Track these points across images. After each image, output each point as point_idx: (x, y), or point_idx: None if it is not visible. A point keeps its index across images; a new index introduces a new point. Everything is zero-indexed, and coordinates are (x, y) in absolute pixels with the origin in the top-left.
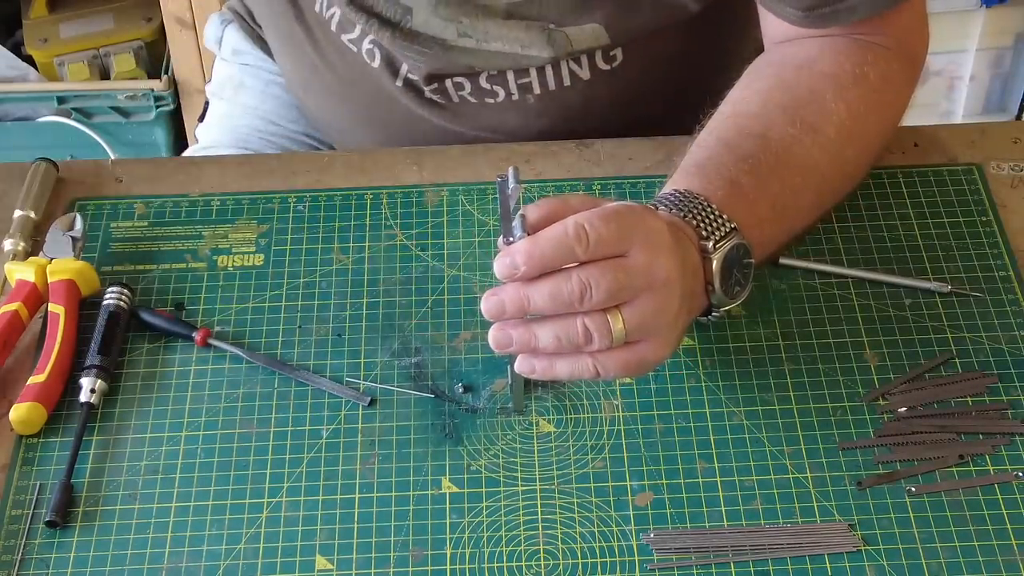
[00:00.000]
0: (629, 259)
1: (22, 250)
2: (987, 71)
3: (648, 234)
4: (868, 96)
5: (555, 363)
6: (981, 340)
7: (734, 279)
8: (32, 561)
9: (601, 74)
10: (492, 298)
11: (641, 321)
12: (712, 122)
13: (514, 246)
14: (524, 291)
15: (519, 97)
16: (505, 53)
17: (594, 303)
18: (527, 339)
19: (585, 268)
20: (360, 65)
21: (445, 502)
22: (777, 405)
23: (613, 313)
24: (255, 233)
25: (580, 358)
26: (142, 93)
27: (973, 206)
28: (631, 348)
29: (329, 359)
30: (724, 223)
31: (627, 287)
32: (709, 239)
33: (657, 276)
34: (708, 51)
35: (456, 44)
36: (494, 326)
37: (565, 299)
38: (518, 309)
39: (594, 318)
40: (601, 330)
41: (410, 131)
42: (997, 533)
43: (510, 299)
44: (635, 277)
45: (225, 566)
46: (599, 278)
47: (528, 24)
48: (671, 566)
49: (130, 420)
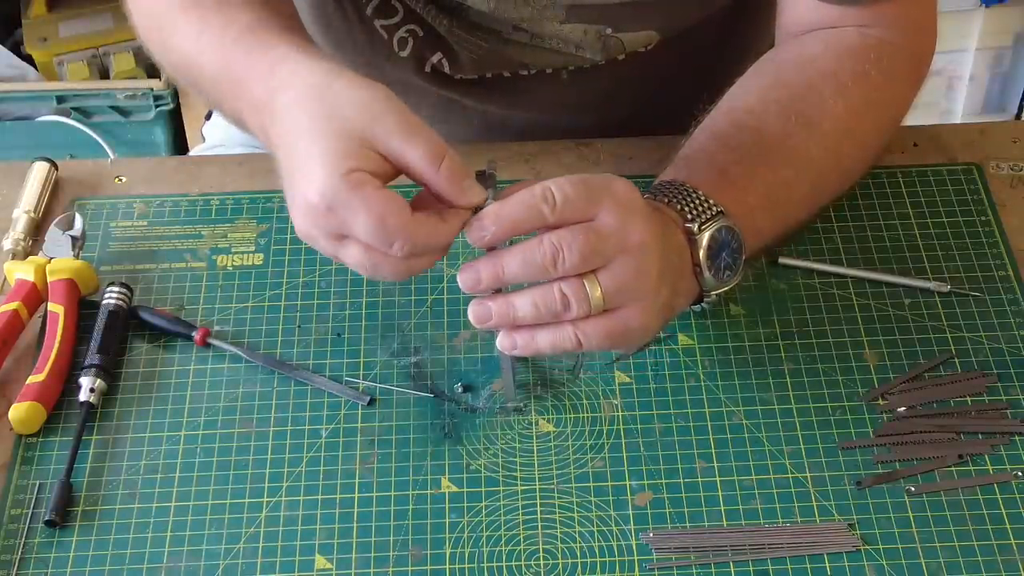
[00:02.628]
0: (599, 222)
1: (22, 249)
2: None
3: (617, 196)
4: (868, 94)
5: (536, 336)
6: (980, 340)
7: (723, 262)
8: (31, 560)
9: (636, 55)
10: (467, 271)
11: (620, 285)
12: (707, 119)
13: (483, 211)
14: (497, 259)
15: (552, 71)
16: (559, 52)
17: (567, 267)
18: (505, 310)
19: (555, 232)
20: (386, 52)
21: (444, 502)
22: (777, 405)
23: (590, 278)
24: (255, 232)
25: (561, 328)
26: (141, 92)
27: (973, 206)
28: (612, 315)
29: (329, 359)
30: (710, 207)
31: (599, 250)
32: (694, 222)
33: (630, 238)
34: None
35: (511, 37)
36: (473, 300)
37: (538, 263)
38: (493, 277)
39: (570, 283)
40: (578, 295)
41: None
42: (996, 533)
43: (484, 268)
44: (607, 239)
45: (224, 566)
46: (570, 241)
47: (586, 28)
48: (670, 566)
49: (129, 419)
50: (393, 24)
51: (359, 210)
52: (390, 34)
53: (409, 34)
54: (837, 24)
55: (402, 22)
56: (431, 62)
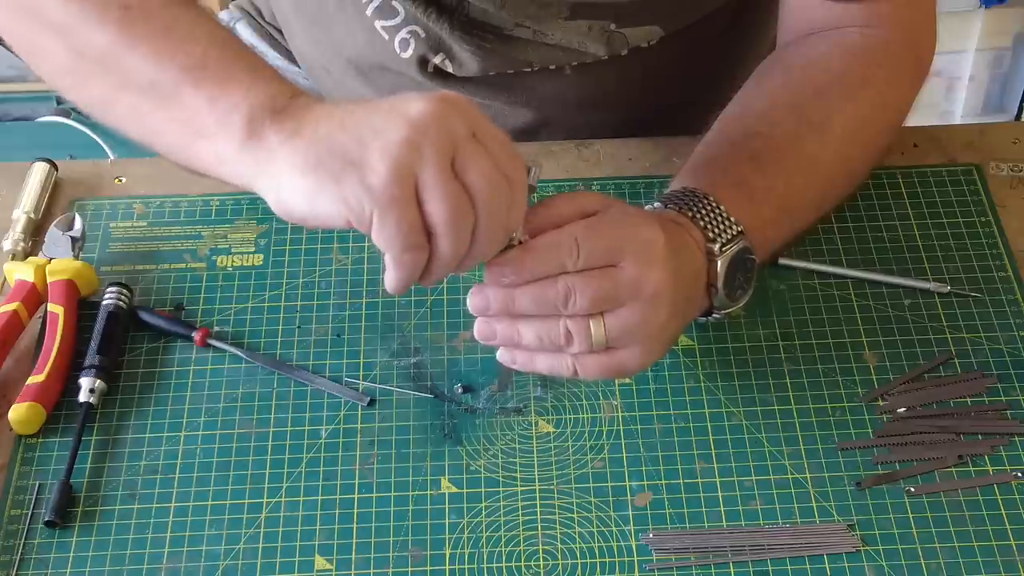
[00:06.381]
0: (619, 270)
1: (21, 250)
2: (986, 71)
3: (642, 246)
4: (875, 96)
5: (535, 358)
6: (980, 340)
7: (737, 282)
8: (31, 561)
9: (638, 50)
10: (478, 295)
11: (623, 330)
12: (719, 121)
13: (506, 256)
14: (510, 293)
15: (555, 68)
16: (562, 48)
17: (577, 308)
18: (510, 334)
19: (572, 275)
20: (387, 53)
21: (444, 502)
22: (776, 405)
23: (596, 319)
24: (255, 233)
25: (560, 356)
26: None
27: (972, 207)
28: (611, 353)
29: (328, 359)
30: (731, 226)
31: (612, 297)
32: (715, 241)
33: (645, 289)
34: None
35: (514, 35)
36: (479, 319)
37: (549, 303)
38: (503, 309)
39: (576, 322)
40: (582, 334)
41: None
42: (996, 533)
43: (495, 299)
44: (622, 288)
45: (224, 566)
46: (584, 287)
47: (590, 24)
48: (670, 566)
49: (129, 420)
50: (394, 26)
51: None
52: (391, 35)
53: (411, 35)
54: (839, 25)
55: (403, 23)
56: (433, 62)
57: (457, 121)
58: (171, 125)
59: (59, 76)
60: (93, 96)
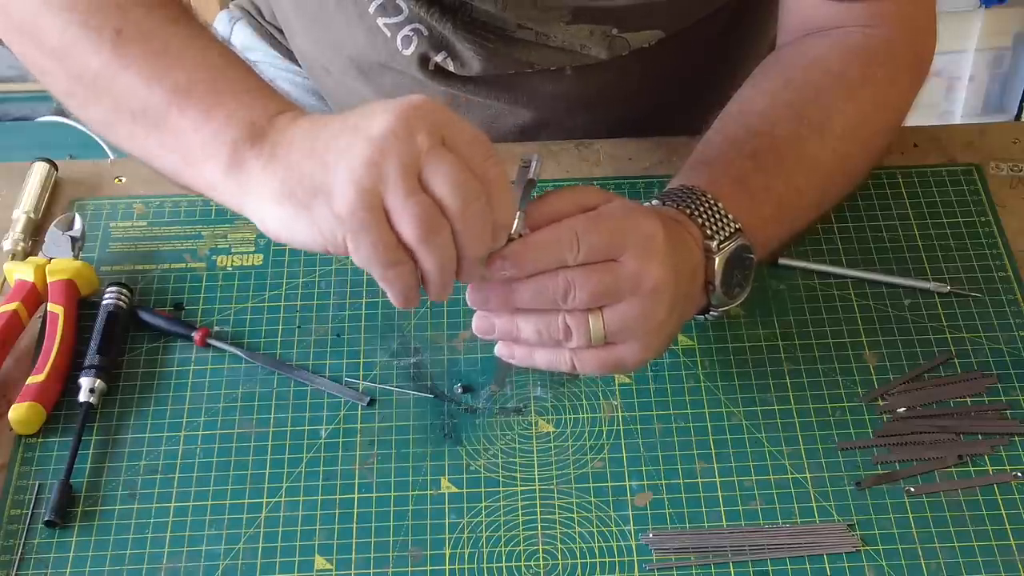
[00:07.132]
0: (619, 264)
1: (21, 250)
2: (986, 71)
3: (642, 241)
4: (875, 96)
5: (534, 353)
6: (980, 340)
7: (735, 280)
8: (31, 561)
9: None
10: (476, 290)
11: (622, 325)
12: (719, 120)
13: (507, 249)
14: (508, 288)
15: (555, 68)
16: (564, 50)
17: (576, 303)
18: (509, 329)
19: (572, 269)
20: (388, 50)
21: (444, 502)
22: (776, 405)
23: (595, 314)
24: (254, 233)
25: (559, 351)
26: None
27: (972, 206)
28: (610, 348)
29: (328, 359)
30: (729, 223)
31: (612, 291)
32: (713, 239)
33: (644, 283)
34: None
35: (516, 36)
36: (478, 313)
37: (549, 297)
38: (502, 303)
39: (575, 316)
40: (580, 329)
41: None
42: (996, 533)
43: (494, 293)
44: (622, 282)
45: (224, 566)
46: (584, 281)
47: (592, 29)
48: (670, 566)
49: (129, 420)
50: (396, 23)
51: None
52: (393, 33)
53: (414, 32)
54: (839, 24)
55: (406, 21)
56: (435, 61)
57: (421, 131)
58: (163, 150)
59: (63, 97)
60: (94, 118)
